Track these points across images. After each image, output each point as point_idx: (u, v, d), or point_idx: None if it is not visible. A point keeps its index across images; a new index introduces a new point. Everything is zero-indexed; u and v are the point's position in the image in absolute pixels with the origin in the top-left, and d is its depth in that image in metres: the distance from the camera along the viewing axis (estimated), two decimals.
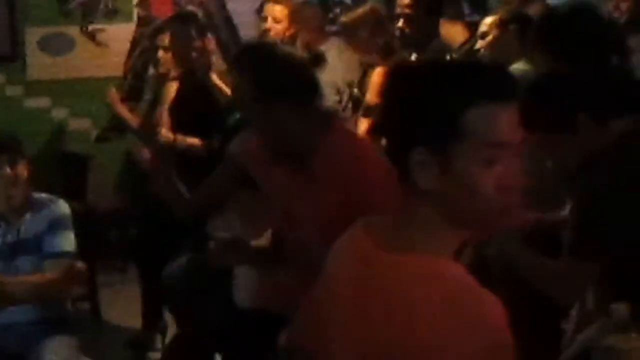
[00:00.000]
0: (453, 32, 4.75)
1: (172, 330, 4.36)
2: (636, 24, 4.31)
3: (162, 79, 4.47)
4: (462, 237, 1.37)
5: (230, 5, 5.84)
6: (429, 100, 1.31)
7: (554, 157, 2.56)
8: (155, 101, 4.55)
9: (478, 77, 1.33)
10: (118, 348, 4.60)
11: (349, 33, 4.63)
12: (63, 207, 3.30)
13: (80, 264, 3.16)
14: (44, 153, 5.85)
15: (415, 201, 1.35)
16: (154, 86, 4.70)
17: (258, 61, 2.52)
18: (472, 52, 4.44)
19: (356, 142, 2.69)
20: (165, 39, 4.47)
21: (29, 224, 3.21)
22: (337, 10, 6.23)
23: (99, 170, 5.53)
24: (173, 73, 4.40)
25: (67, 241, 3.22)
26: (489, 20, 4.02)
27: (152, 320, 4.62)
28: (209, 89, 4.25)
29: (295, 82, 2.46)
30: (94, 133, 5.79)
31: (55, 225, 3.22)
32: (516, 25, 3.90)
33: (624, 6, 4.45)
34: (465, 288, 1.30)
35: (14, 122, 5.56)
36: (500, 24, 3.93)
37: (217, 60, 4.56)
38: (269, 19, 4.82)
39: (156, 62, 4.57)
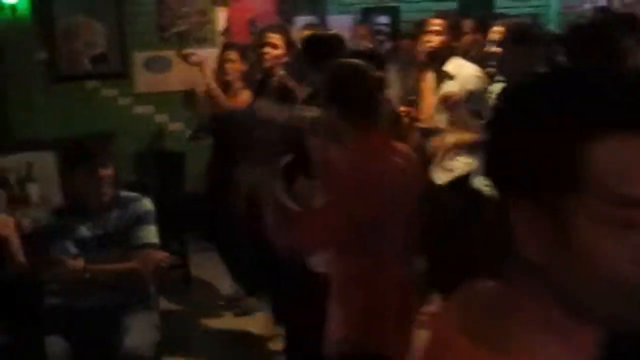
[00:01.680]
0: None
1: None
2: None
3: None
4: (588, 335, 0.87)
5: None
6: (533, 130, 0.82)
7: None
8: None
9: (609, 94, 0.80)
10: (207, 306, 5.02)
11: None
12: (147, 204, 3.34)
13: (160, 254, 3.29)
14: (148, 150, 6.47)
15: (519, 276, 0.88)
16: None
17: (338, 75, 2.42)
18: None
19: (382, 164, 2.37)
20: (269, 38, 4.36)
21: (116, 219, 3.27)
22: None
23: (192, 163, 5.73)
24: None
25: (150, 234, 3.27)
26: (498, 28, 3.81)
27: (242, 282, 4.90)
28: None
29: (362, 104, 2.36)
30: (187, 133, 5.94)
31: (140, 221, 3.27)
32: (526, 47, 3.55)
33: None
34: None
35: (125, 126, 6.32)
36: (512, 41, 3.58)
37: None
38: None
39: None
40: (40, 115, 6.21)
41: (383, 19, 7.12)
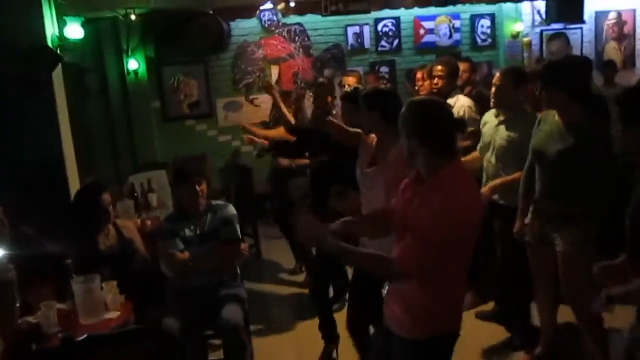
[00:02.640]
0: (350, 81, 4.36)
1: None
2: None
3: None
4: None
5: None
6: None
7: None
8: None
9: None
10: (273, 275, 4.79)
11: None
12: (232, 209, 3.08)
13: (242, 246, 3.02)
14: (228, 166, 6.32)
15: None
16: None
17: (422, 114, 1.79)
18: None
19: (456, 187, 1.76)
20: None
21: (210, 221, 3.03)
22: None
23: (258, 173, 5.58)
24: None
25: (235, 232, 3.01)
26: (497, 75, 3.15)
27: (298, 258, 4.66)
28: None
29: (446, 134, 1.79)
30: (255, 153, 5.79)
31: (227, 222, 3.02)
32: (523, 87, 3.15)
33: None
34: None
35: (213, 150, 6.30)
36: (513, 85, 3.10)
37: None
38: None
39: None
40: (156, 144, 6.21)
41: (384, 69, 6.83)
